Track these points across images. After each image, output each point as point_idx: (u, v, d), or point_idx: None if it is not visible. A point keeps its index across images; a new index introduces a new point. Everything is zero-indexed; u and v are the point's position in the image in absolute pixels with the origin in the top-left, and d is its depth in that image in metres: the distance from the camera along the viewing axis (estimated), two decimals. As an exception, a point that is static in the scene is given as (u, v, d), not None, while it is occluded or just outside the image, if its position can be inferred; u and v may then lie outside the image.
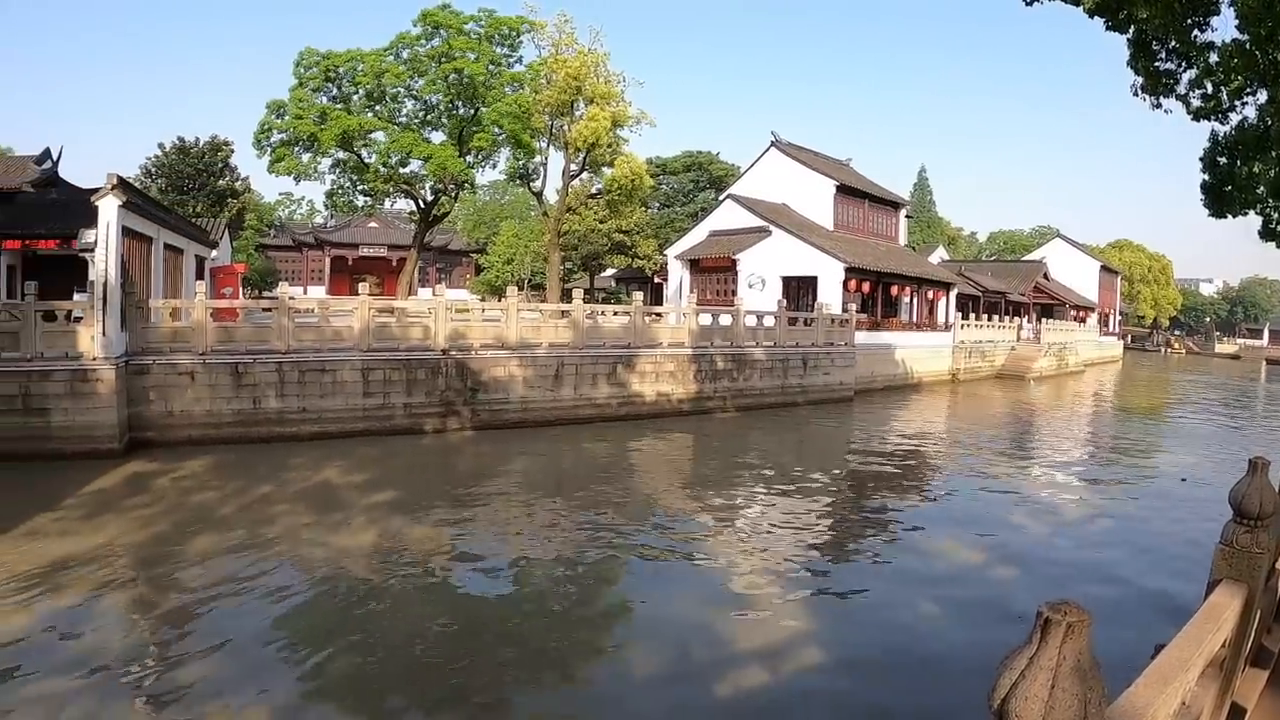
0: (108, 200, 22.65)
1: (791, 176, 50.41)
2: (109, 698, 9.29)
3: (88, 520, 16.23)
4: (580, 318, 28.65)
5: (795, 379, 35.01)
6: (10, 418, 20.97)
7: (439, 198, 49.09)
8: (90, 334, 21.62)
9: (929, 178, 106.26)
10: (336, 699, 9.45)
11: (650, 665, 10.34)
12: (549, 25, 46.38)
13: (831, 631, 11.36)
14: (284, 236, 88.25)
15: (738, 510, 18.21)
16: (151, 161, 65.73)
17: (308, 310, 27.08)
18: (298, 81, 44.81)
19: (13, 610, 11.67)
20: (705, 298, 46.09)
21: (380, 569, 13.64)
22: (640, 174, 46.26)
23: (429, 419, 25.65)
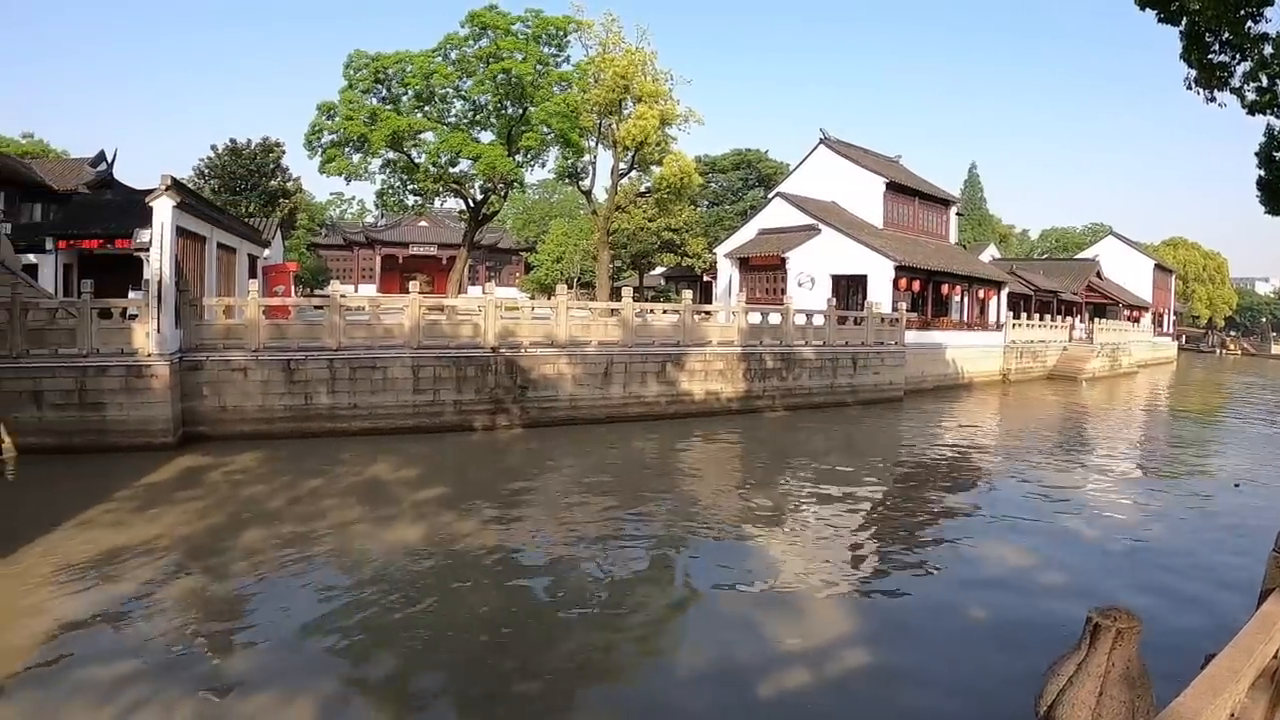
0: (162, 201, 23.04)
1: (840, 174, 49.97)
2: (160, 685, 9.35)
3: (141, 512, 16.51)
4: (630, 316, 28.59)
5: (845, 378, 34.63)
6: (67, 412, 21.65)
7: (488, 197, 49.13)
8: (145, 331, 22.14)
9: (980, 174, 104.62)
10: (383, 691, 9.47)
11: (695, 664, 10.25)
12: (596, 25, 46.25)
13: (877, 634, 11.15)
14: (335, 236, 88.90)
15: (785, 510, 18.02)
16: (204, 163, 66.58)
17: (359, 308, 27.43)
18: (347, 83, 44.96)
19: (67, 598, 11.91)
20: (754, 296, 45.73)
21: (428, 564, 13.69)
22: (689, 172, 45.89)
23: (478, 416, 25.71)
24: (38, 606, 11.71)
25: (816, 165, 51.77)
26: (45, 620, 11.15)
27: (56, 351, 22.08)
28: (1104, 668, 2.50)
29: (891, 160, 56.31)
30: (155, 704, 8.88)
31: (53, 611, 11.46)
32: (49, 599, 11.96)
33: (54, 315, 22.90)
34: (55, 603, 11.81)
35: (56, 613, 11.40)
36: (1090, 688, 2.42)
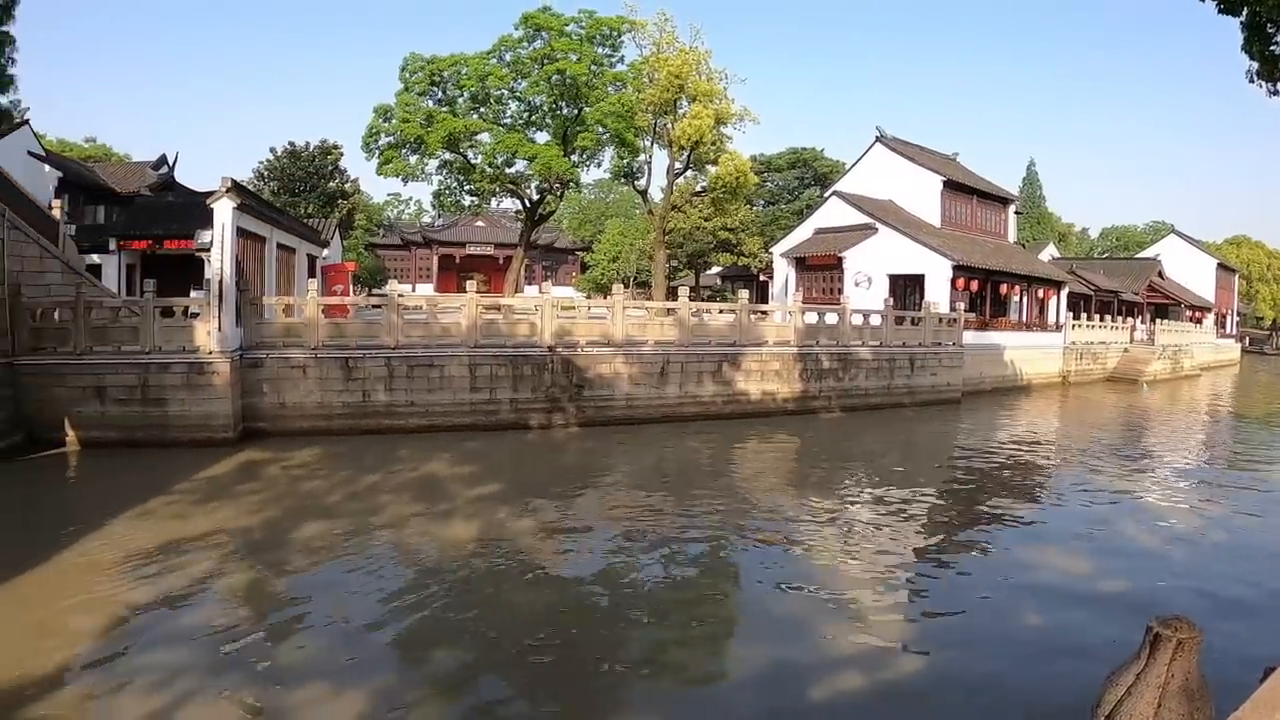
0: (223, 202, 23.40)
1: (897, 172, 49.21)
2: (215, 673, 9.49)
3: (201, 505, 16.81)
4: (686, 315, 28.39)
5: (902, 379, 34.04)
6: (129, 407, 22.25)
7: (544, 197, 49.35)
8: (207, 329, 22.56)
9: (1038, 171, 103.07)
10: (436, 685, 9.47)
11: (747, 666, 10.14)
12: (649, 24, 46.09)
13: (931, 639, 10.93)
14: (393, 236, 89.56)
15: (841, 512, 17.62)
16: (264, 165, 67.57)
17: (416, 307, 27.43)
18: (404, 86, 45.48)
19: (128, 586, 12.15)
20: (811, 296, 45.36)
21: (483, 561, 13.66)
22: (744, 171, 45.45)
23: (534, 414, 25.72)
24: (99, 594, 11.93)
25: (873, 164, 51.05)
26: (106, 607, 11.38)
27: (119, 349, 22.64)
28: (1163, 679, 2.41)
29: (948, 158, 55.47)
30: (210, 692, 9.03)
31: (113, 599, 11.69)
32: (110, 587, 12.18)
33: (117, 314, 23.40)
34: (116, 591, 12.02)
35: (117, 600, 11.63)
36: (1149, 699, 2.29)
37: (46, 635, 10.61)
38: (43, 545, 14.00)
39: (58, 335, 22.65)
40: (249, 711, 8.73)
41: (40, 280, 23.29)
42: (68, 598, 11.96)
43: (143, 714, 8.60)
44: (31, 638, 10.54)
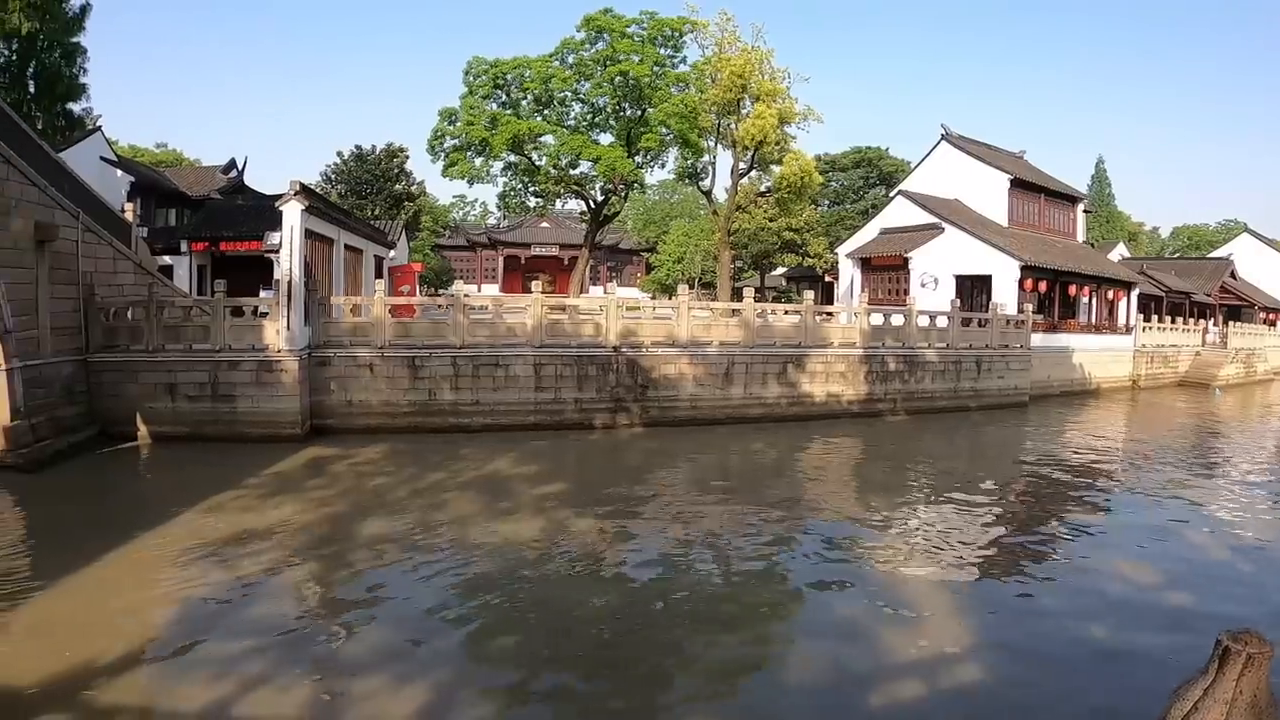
0: (291, 205, 23.77)
1: (963, 171, 48.15)
2: (279, 662, 9.72)
3: (268, 499, 17.13)
4: (751, 316, 28.00)
5: (968, 382, 33.22)
6: (199, 403, 22.89)
7: (609, 198, 49.27)
8: (275, 328, 22.92)
9: (1107, 169, 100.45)
10: (494, 680, 9.56)
11: (806, 671, 10.00)
12: (711, 24, 45.74)
13: (992, 649, 10.57)
14: (458, 237, 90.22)
15: (904, 516, 17.30)
16: (331, 168, 68.39)
17: (482, 307, 27.78)
18: (468, 89, 45.72)
19: (195, 577, 12.48)
20: (877, 297, 44.35)
21: (544, 559, 13.75)
22: (809, 171, 44.94)
23: (599, 414, 25.64)
24: (169, 583, 12.27)
25: (938, 162, 50.04)
26: (176, 596, 11.74)
27: (190, 347, 23.18)
28: (1231, 694, 2.22)
29: (1015, 156, 54.13)
30: (272, 681, 9.22)
31: (183, 589, 12.01)
32: (180, 577, 12.49)
33: (188, 313, 24.03)
34: (186, 581, 12.33)
35: (184, 590, 11.95)
36: (1216, 714, 2.09)
37: (119, 621, 10.88)
38: (116, 536, 14.26)
39: (130, 333, 23.16)
40: (313, 700, 8.91)
41: (113, 280, 24.01)
42: (140, 586, 12.30)
43: (209, 699, 8.81)
44: (105, 624, 10.81)
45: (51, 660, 9.59)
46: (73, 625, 10.83)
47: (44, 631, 10.65)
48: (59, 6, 43.03)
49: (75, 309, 22.17)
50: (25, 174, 20.24)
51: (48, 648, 10.01)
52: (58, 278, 21.41)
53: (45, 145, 22.63)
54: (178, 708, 8.86)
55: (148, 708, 8.96)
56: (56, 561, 13.10)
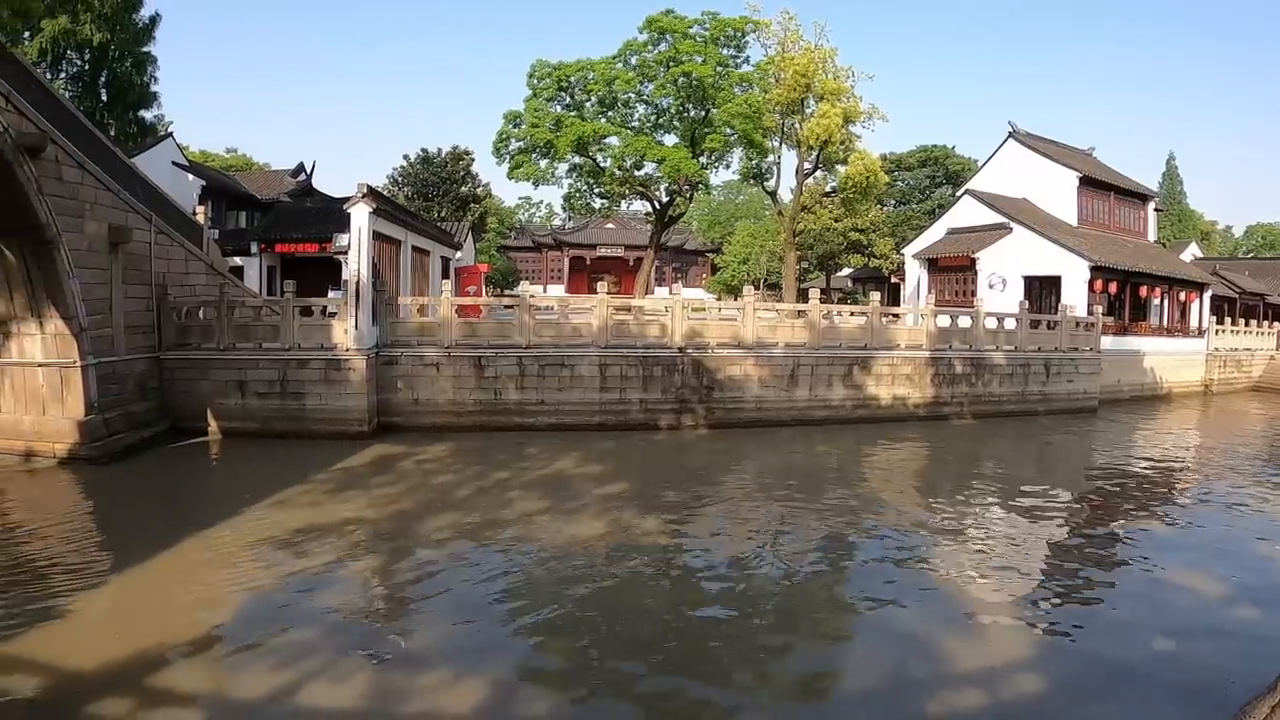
0: (359, 207, 24.04)
1: (1031, 169, 46.79)
2: (341, 653, 9.89)
3: (335, 494, 17.45)
4: (816, 318, 27.56)
5: (1036, 386, 32.27)
6: (269, 400, 23.36)
7: (674, 199, 48.82)
8: (344, 328, 23.25)
9: (1178, 166, 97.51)
10: (552, 678, 9.63)
11: (866, 679, 9.81)
12: (773, 24, 45.17)
13: (1054, 662, 10.24)
14: (524, 238, 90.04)
15: (969, 523, 16.78)
16: (398, 171, 68.99)
17: (547, 308, 27.92)
18: (532, 92, 45.56)
19: (262, 568, 12.80)
20: (943, 298, 43.44)
21: (607, 558, 13.76)
22: (874, 170, 44.08)
23: (664, 415, 25.50)
24: (235, 575, 12.50)
25: (1005, 160, 48.68)
26: (241, 587, 12.00)
27: (261, 345, 23.56)
28: None
29: (1084, 153, 52.49)
30: (334, 671, 9.41)
31: (248, 580, 12.28)
32: (246, 568, 12.77)
33: (259, 312, 24.41)
34: (251, 572, 12.60)
35: (251, 581, 12.21)
36: None
37: (186, 610, 11.17)
38: (186, 527, 14.62)
39: (202, 332, 23.73)
40: (373, 692, 9.00)
41: (186, 281, 24.61)
42: (208, 577, 12.52)
43: (272, 686, 8.98)
44: (172, 612, 11.11)
45: (120, 646, 9.82)
46: (141, 613, 11.13)
47: (113, 618, 11.03)
48: (129, 18, 44.28)
49: (148, 308, 22.81)
50: (99, 179, 20.77)
51: (117, 634, 10.32)
52: (131, 278, 22.03)
53: (118, 151, 23.21)
54: (241, 695, 8.99)
55: (212, 694, 9.12)
56: (127, 551, 13.43)
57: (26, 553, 13.67)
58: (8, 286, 19.48)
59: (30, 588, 11.95)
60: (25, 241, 18.78)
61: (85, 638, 10.24)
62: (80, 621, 10.75)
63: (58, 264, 18.93)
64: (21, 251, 18.93)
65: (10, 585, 12.06)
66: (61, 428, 20.02)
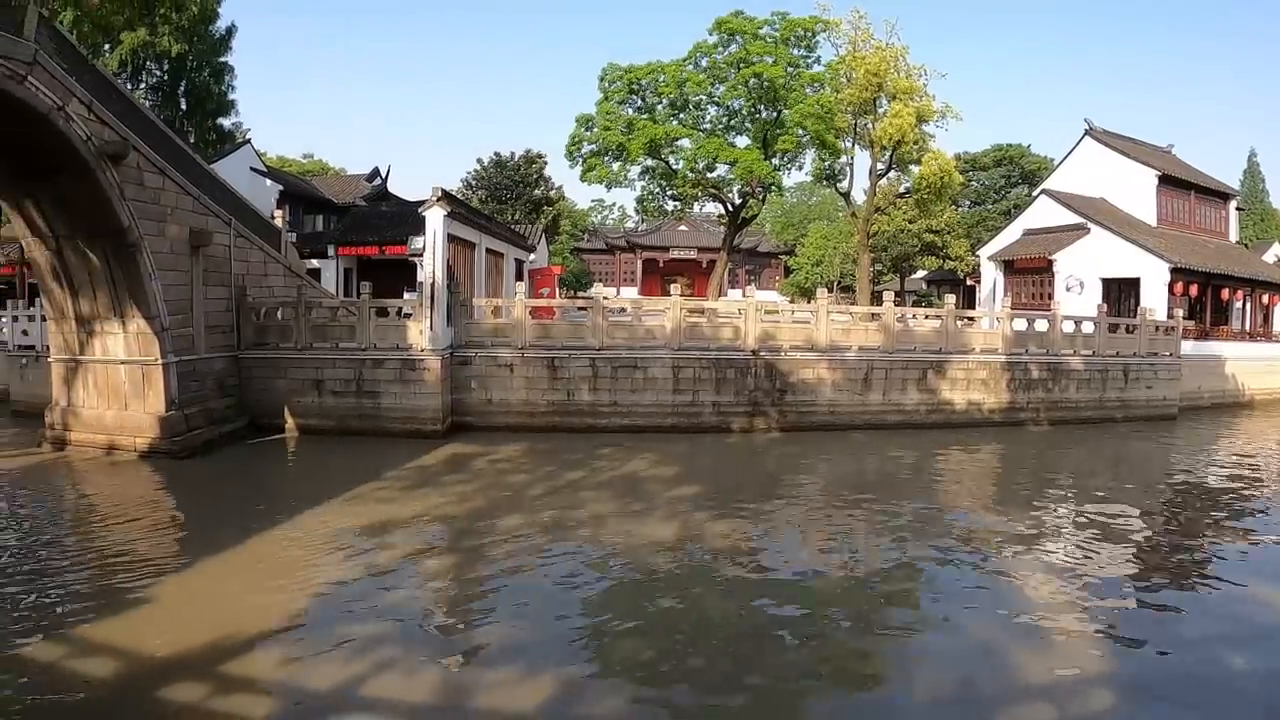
0: (434, 210, 24.39)
1: (1108, 167, 45.28)
2: (410, 647, 10.04)
3: (409, 491, 17.67)
4: (890, 321, 26.84)
5: (1114, 392, 30.93)
6: (345, 399, 23.86)
7: (746, 201, 48.12)
8: (419, 329, 23.51)
9: (1260, 163, 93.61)
10: (617, 678, 9.50)
11: (934, 689, 9.43)
12: (843, 23, 44.16)
13: (1129, 679, 9.71)
14: (597, 240, 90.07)
15: (1042, 533, 16.04)
16: (472, 175, 69.37)
17: (620, 310, 27.65)
18: (603, 95, 45.38)
19: (336, 562, 13.04)
20: (1020, 301, 41.92)
21: (677, 560, 13.59)
22: (949, 171, 42.60)
23: (736, 418, 25.12)
24: (307, 568, 12.82)
25: (1082, 159, 47.20)
26: (315, 579, 12.28)
27: (337, 345, 24.04)
28: None
29: (1163, 150, 50.55)
30: (402, 665, 9.48)
31: (322, 572, 12.57)
32: (318, 562, 13.08)
33: (335, 313, 24.94)
34: (324, 565, 12.90)
35: (325, 574, 12.48)
36: None
37: (259, 601, 11.40)
38: (262, 520, 15.05)
39: (280, 332, 24.24)
40: (440, 686, 9.07)
41: (264, 282, 25.24)
42: (281, 569, 12.74)
43: (340, 679, 9.07)
44: (245, 602, 11.36)
45: (194, 633, 10.05)
46: (216, 602, 11.35)
47: (189, 607, 11.21)
48: (206, 29, 45.32)
49: (228, 308, 23.47)
50: (180, 184, 21.43)
51: (192, 622, 10.53)
52: (211, 279, 22.71)
53: (198, 157, 23.87)
54: (312, 685, 9.07)
55: (283, 683, 9.19)
56: (204, 542, 13.86)
57: (107, 541, 14.12)
58: (92, 287, 20.35)
59: (110, 575, 12.32)
60: (109, 244, 19.55)
61: (161, 624, 10.45)
62: (157, 609, 11.02)
63: (140, 266, 19.68)
64: (105, 254, 19.69)
65: (91, 572, 12.54)
66: (142, 422, 20.79)
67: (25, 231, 20.13)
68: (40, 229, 19.86)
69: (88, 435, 21.51)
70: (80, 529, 15.31)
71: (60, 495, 18.18)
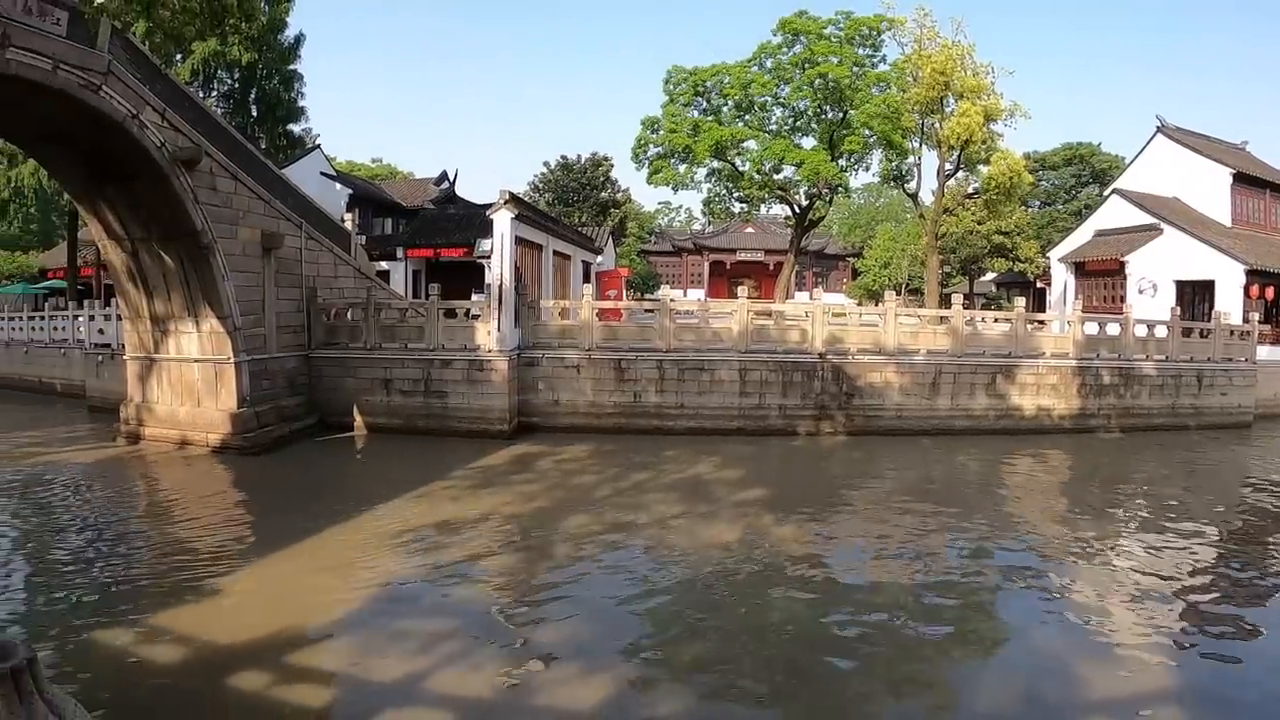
0: (502, 213, 24.34)
1: (1181, 165, 43.32)
2: (471, 644, 10.09)
3: (475, 490, 17.81)
4: (959, 324, 26.03)
5: (1187, 398, 29.47)
6: (413, 398, 24.04)
7: (813, 202, 47.45)
8: (486, 330, 23.59)
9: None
10: (677, 681, 9.39)
11: (998, 703, 9.14)
12: (908, 21, 42.81)
13: (1198, 698, 9.20)
14: (664, 242, 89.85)
15: (1112, 544, 15.36)
16: (539, 178, 70.02)
17: (687, 312, 27.47)
18: (669, 98, 45.13)
19: (401, 558, 13.32)
20: (1091, 304, 40.47)
21: (740, 564, 13.36)
22: (1018, 170, 41.17)
23: (802, 421, 24.65)
24: (374, 562, 13.05)
25: (1154, 157, 45.20)
26: (380, 575, 12.47)
27: (406, 346, 24.21)
28: None
29: (1237, 147, 48.32)
30: (465, 661, 9.58)
31: (388, 568, 12.81)
32: (386, 557, 13.32)
33: (404, 314, 25.12)
34: (391, 561, 13.16)
35: (391, 570, 12.73)
36: None
37: (326, 594, 11.66)
38: (330, 516, 15.25)
39: (350, 332, 24.60)
40: (500, 683, 9.10)
41: (334, 284, 25.72)
42: (348, 563, 13.04)
43: (403, 672, 9.20)
44: (312, 595, 11.67)
45: (261, 623, 10.34)
46: (281, 594, 11.66)
47: (256, 597, 11.50)
48: (275, 38, 46.19)
49: (299, 309, 23.95)
50: (251, 188, 21.92)
51: (259, 612, 10.85)
52: (283, 281, 23.20)
53: (269, 163, 24.46)
54: (372, 678, 9.18)
55: (346, 674, 9.41)
56: (272, 536, 14.23)
57: (179, 533, 14.63)
58: (166, 288, 20.98)
59: (181, 565, 12.69)
60: (183, 246, 20.15)
61: (229, 614, 10.75)
62: (225, 598, 11.33)
63: (213, 267, 20.26)
64: (180, 256, 20.25)
65: (163, 562, 12.93)
66: (215, 419, 21.32)
67: (102, 234, 20.91)
68: (116, 232, 20.55)
69: (161, 430, 22.15)
70: (153, 521, 15.77)
71: (134, 488, 18.68)
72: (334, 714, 8.71)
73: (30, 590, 12.02)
